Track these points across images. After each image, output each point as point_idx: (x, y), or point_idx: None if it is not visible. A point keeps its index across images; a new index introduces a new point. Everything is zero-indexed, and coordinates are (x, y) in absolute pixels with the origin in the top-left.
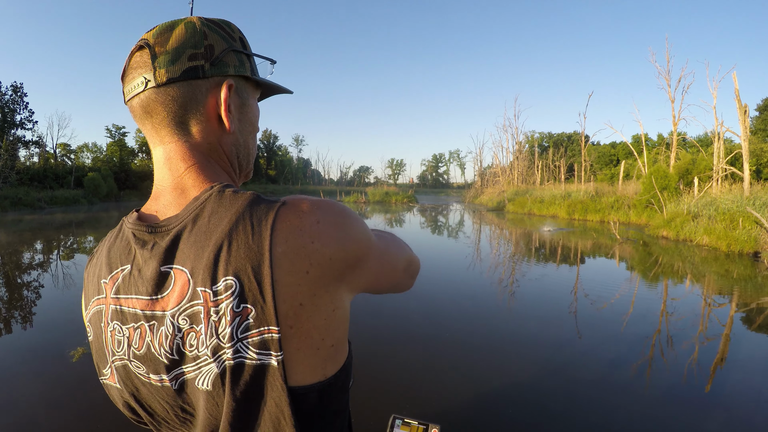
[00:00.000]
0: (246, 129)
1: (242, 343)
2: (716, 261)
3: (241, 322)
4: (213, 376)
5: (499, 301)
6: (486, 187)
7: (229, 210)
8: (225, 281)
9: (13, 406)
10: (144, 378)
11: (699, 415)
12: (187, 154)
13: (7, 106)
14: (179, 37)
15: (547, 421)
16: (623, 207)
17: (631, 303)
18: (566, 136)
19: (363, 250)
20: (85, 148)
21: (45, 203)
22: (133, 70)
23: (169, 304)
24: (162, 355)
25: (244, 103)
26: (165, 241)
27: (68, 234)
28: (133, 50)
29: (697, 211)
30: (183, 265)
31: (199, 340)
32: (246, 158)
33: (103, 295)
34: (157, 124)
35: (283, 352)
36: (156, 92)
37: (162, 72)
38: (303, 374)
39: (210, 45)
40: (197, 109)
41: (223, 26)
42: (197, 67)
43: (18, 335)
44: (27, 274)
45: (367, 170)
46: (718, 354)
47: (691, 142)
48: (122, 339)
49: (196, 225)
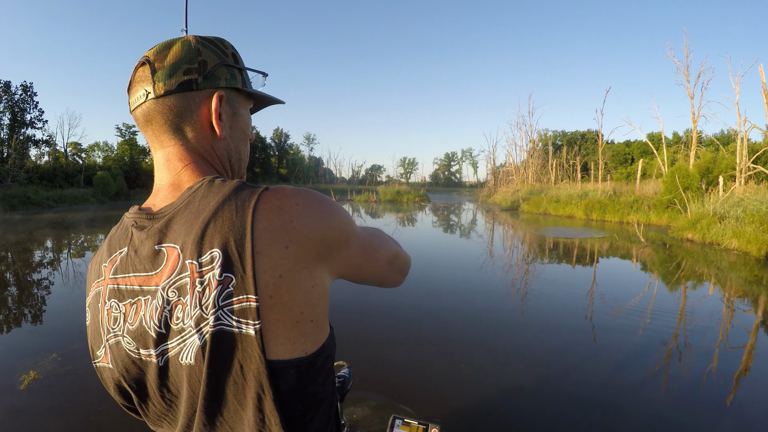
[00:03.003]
0: (237, 136)
1: (223, 310)
2: (745, 266)
3: (222, 290)
4: (195, 348)
5: (513, 305)
6: (499, 186)
7: (217, 194)
8: (210, 253)
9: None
10: (134, 354)
11: (717, 425)
12: (184, 154)
13: (17, 106)
14: (176, 54)
15: (549, 424)
16: (643, 207)
17: (678, 313)
18: (580, 135)
19: (343, 234)
20: (96, 147)
21: (54, 202)
22: (136, 84)
23: (161, 279)
24: (151, 328)
25: (235, 112)
26: (160, 223)
27: (57, 236)
28: (137, 66)
29: (724, 212)
30: (174, 242)
31: (184, 312)
32: (238, 162)
33: (102, 278)
34: (156, 130)
35: (261, 321)
36: (155, 103)
37: (160, 85)
38: (281, 347)
39: (203, 60)
40: (191, 117)
41: (217, 43)
42: (191, 80)
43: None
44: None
45: (379, 169)
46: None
47: (709, 140)
48: (118, 315)
49: (187, 208)
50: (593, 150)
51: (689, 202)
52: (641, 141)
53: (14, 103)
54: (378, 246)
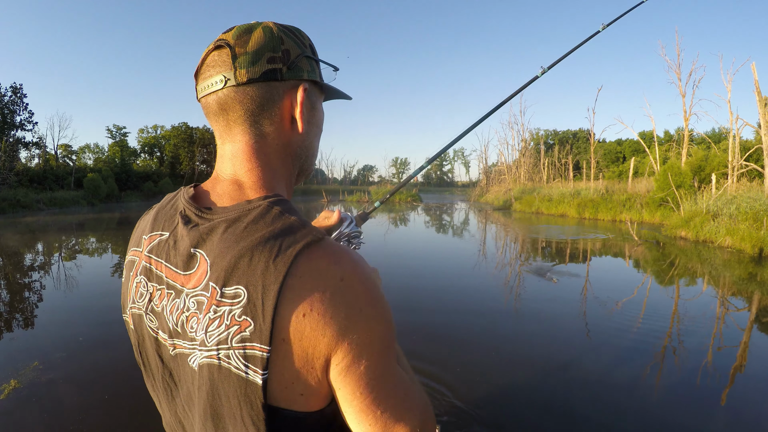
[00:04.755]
0: (313, 131)
1: (234, 351)
2: (740, 264)
3: (238, 331)
4: (201, 360)
5: (506, 304)
6: (491, 186)
7: (267, 227)
8: (235, 289)
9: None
10: (153, 332)
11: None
12: (254, 156)
13: (6, 108)
14: (258, 40)
15: (549, 421)
16: (635, 206)
17: (671, 311)
18: (572, 134)
19: (365, 336)
20: (87, 148)
21: (44, 204)
22: (210, 68)
23: (188, 283)
24: (169, 320)
25: (313, 106)
26: (205, 226)
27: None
28: (210, 49)
29: (717, 210)
30: (208, 254)
31: (198, 326)
32: (309, 160)
33: (140, 249)
34: (231, 121)
35: (268, 372)
36: (235, 90)
37: (243, 72)
38: (282, 398)
39: (287, 50)
40: (272, 110)
41: (296, 33)
42: (276, 69)
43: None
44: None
45: (371, 169)
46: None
47: (700, 138)
48: (145, 293)
49: (234, 225)
50: (585, 149)
51: (682, 200)
52: (633, 139)
53: (3, 105)
54: (408, 388)
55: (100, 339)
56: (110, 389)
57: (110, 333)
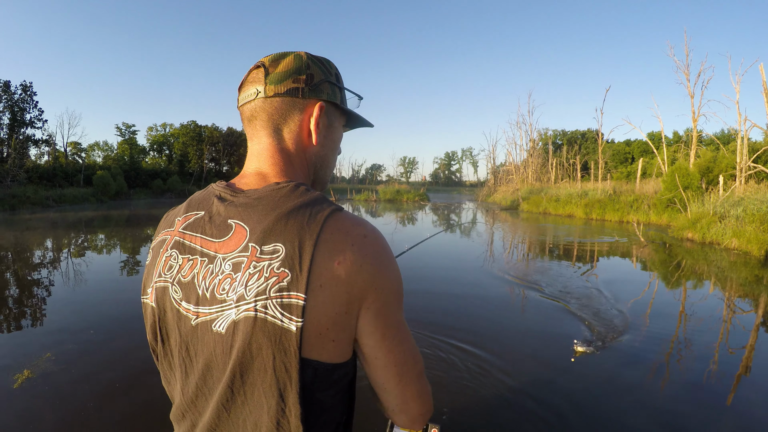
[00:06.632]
0: (328, 146)
1: (272, 301)
2: (746, 266)
3: (276, 282)
4: (229, 321)
5: (513, 304)
6: (499, 185)
7: (298, 198)
8: (274, 245)
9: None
10: (176, 303)
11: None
12: (277, 154)
13: (17, 105)
14: (288, 64)
15: (549, 423)
16: (643, 207)
17: (678, 313)
18: (580, 134)
19: (387, 286)
20: (96, 146)
21: (54, 201)
22: (249, 83)
23: (223, 249)
24: (200, 286)
25: (330, 124)
26: (240, 201)
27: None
28: (252, 68)
29: (724, 212)
30: (246, 222)
31: (231, 287)
32: (323, 170)
33: (173, 228)
34: (258, 126)
35: (304, 320)
36: (263, 102)
37: (271, 87)
38: (315, 346)
39: (311, 74)
40: (292, 120)
41: (324, 62)
42: (298, 88)
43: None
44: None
45: (379, 168)
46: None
47: (709, 139)
48: (174, 264)
49: (268, 199)
50: (593, 149)
51: (689, 201)
52: (641, 140)
53: (14, 103)
54: (412, 343)
55: (112, 332)
56: (122, 380)
57: (121, 327)
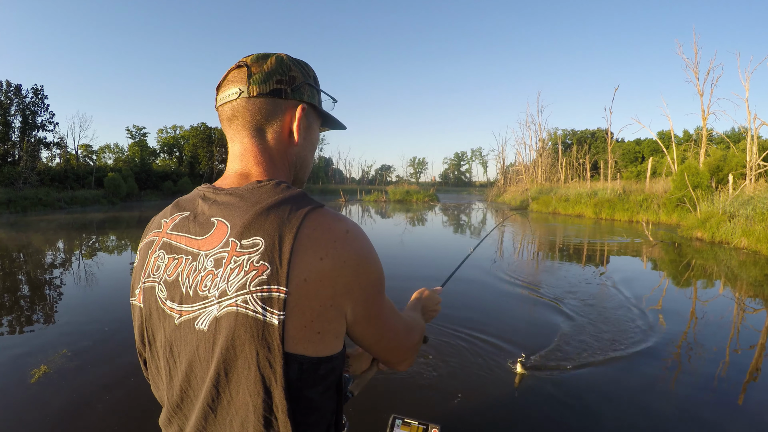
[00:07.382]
0: (308, 147)
1: (252, 295)
2: (755, 265)
3: (256, 276)
4: (211, 318)
5: (522, 304)
6: (509, 185)
7: (280, 194)
8: (253, 239)
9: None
10: (161, 302)
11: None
12: (259, 154)
13: (28, 108)
14: (271, 64)
15: (553, 424)
16: (652, 206)
17: (688, 313)
18: (590, 133)
19: (370, 277)
20: (107, 148)
21: (65, 203)
22: (229, 83)
23: (205, 246)
24: (183, 284)
25: (309, 125)
26: (222, 199)
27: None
28: (232, 68)
29: (733, 211)
30: (227, 219)
31: (213, 282)
32: (303, 170)
33: (160, 230)
34: (240, 126)
35: (286, 313)
36: (246, 101)
37: (255, 87)
38: (299, 339)
39: (293, 76)
40: (275, 121)
41: (303, 65)
42: (282, 89)
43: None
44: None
45: (388, 169)
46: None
47: (719, 138)
48: (161, 265)
49: (250, 196)
50: (603, 149)
51: (699, 200)
52: (651, 139)
53: (25, 106)
54: (398, 316)
55: (125, 329)
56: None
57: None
